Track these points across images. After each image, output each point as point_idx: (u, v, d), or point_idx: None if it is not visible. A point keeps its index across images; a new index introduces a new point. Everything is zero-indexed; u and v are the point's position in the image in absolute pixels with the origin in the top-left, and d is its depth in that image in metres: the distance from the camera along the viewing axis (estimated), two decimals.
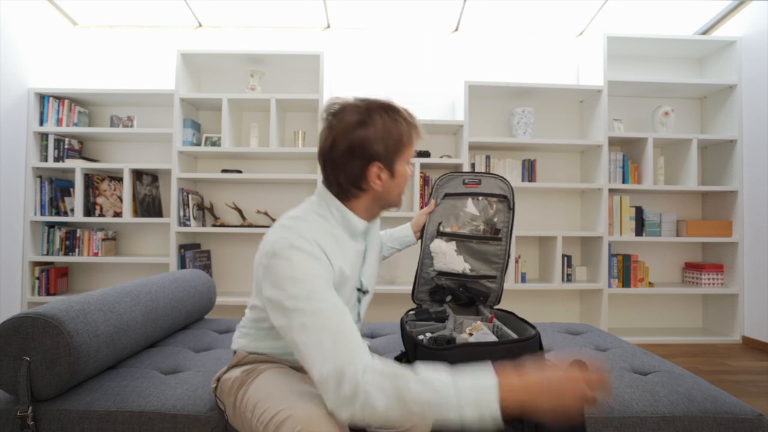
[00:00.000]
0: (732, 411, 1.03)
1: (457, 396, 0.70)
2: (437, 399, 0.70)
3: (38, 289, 2.78)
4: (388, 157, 0.91)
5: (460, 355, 0.96)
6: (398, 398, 0.70)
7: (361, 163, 0.90)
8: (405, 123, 0.93)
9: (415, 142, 0.96)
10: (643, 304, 3.15)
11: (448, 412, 0.69)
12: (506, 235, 1.34)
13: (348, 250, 0.94)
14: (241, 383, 0.93)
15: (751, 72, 2.85)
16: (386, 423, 0.72)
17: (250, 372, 0.95)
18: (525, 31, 3.21)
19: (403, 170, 0.95)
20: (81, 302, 1.10)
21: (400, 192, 0.98)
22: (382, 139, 0.89)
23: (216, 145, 2.92)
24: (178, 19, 3.10)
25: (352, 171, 0.89)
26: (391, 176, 0.93)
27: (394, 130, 0.91)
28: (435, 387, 0.70)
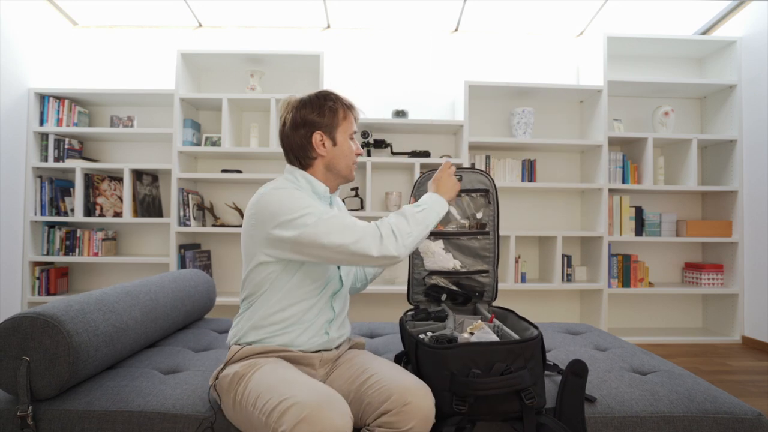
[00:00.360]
0: (732, 411, 1.03)
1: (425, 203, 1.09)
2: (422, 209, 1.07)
3: (38, 289, 2.78)
4: (328, 127, 1.11)
5: (462, 355, 0.96)
6: (409, 218, 1.03)
7: (305, 132, 1.10)
8: (339, 101, 1.14)
9: (351, 120, 1.16)
10: (643, 304, 3.15)
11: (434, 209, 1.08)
12: (493, 229, 1.34)
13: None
14: (240, 378, 0.95)
15: (751, 72, 2.85)
16: (415, 241, 1.02)
17: (249, 367, 0.97)
18: (525, 31, 3.21)
19: (344, 140, 1.13)
20: (80, 302, 1.10)
21: (348, 164, 1.15)
22: (319, 112, 1.11)
23: (216, 145, 2.92)
24: (178, 19, 3.10)
25: (300, 141, 1.10)
26: (333, 144, 1.12)
27: (329, 104, 1.12)
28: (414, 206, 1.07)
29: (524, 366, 0.96)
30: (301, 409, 0.78)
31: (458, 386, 0.94)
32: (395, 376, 0.93)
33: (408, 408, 0.87)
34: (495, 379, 0.93)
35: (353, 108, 1.18)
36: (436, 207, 1.09)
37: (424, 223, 1.05)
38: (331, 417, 0.78)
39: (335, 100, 1.14)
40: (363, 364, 1.03)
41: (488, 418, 0.97)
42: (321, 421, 0.77)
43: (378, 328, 1.71)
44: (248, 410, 0.88)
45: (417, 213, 1.05)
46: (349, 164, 1.16)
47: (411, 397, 0.88)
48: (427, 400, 0.89)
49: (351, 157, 1.16)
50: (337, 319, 1.13)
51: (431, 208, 1.08)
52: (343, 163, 1.14)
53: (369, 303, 3.10)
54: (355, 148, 1.17)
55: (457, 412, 0.93)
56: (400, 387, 0.89)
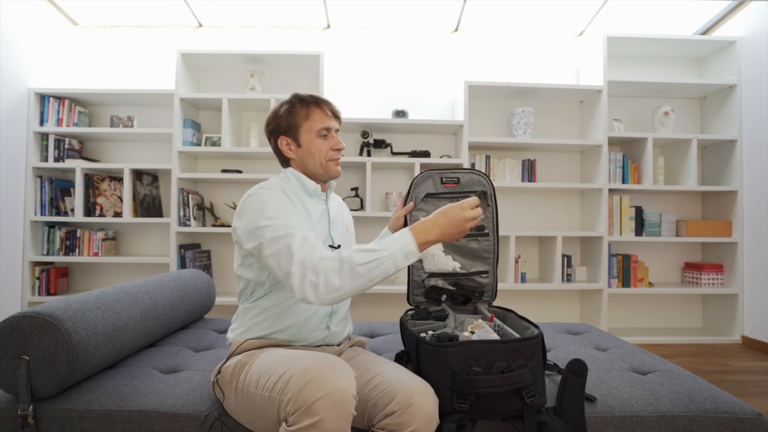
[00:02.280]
0: (732, 410, 1.03)
1: (388, 250, 0.92)
2: (375, 258, 0.90)
3: (38, 289, 2.78)
4: (289, 130, 1.14)
5: (463, 353, 0.96)
6: (350, 271, 0.89)
7: (274, 138, 1.16)
8: (298, 102, 1.14)
9: (318, 116, 1.13)
10: (643, 304, 3.15)
11: (385, 265, 0.91)
12: (492, 230, 1.34)
13: (309, 207, 1.12)
14: (242, 366, 0.96)
15: (751, 72, 2.85)
16: (344, 296, 0.90)
17: (250, 356, 0.99)
18: (525, 31, 3.22)
19: (309, 140, 1.13)
20: (79, 301, 1.10)
21: (320, 162, 1.13)
22: (278, 118, 1.14)
23: (216, 145, 2.92)
24: (178, 19, 3.10)
25: (273, 147, 1.17)
26: (298, 146, 1.14)
27: (285, 107, 1.14)
28: (372, 251, 0.91)
29: (525, 365, 0.96)
30: (304, 374, 0.79)
31: (459, 384, 0.94)
32: (399, 377, 0.93)
33: (412, 409, 0.87)
34: (496, 378, 0.93)
35: (321, 103, 1.15)
36: (396, 257, 0.92)
37: (367, 276, 0.90)
38: (336, 378, 0.79)
39: (293, 102, 1.14)
40: (366, 364, 1.03)
41: (489, 416, 0.97)
42: (326, 382, 0.78)
43: (378, 327, 1.71)
44: (251, 393, 0.89)
45: (364, 263, 0.90)
46: (322, 162, 1.14)
47: (414, 398, 0.88)
48: (430, 401, 0.90)
49: (321, 155, 1.14)
50: (338, 314, 1.13)
51: (389, 257, 0.91)
52: (312, 163, 1.14)
53: (369, 303, 3.10)
54: (332, 144, 1.15)
55: (457, 410, 0.94)
56: (403, 388, 0.89)
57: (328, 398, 0.76)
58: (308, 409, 0.76)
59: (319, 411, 0.76)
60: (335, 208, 1.23)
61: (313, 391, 0.77)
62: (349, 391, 0.79)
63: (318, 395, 0.76)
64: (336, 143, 1.16)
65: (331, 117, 1.16)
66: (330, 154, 1.15)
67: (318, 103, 1.15)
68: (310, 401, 0.76)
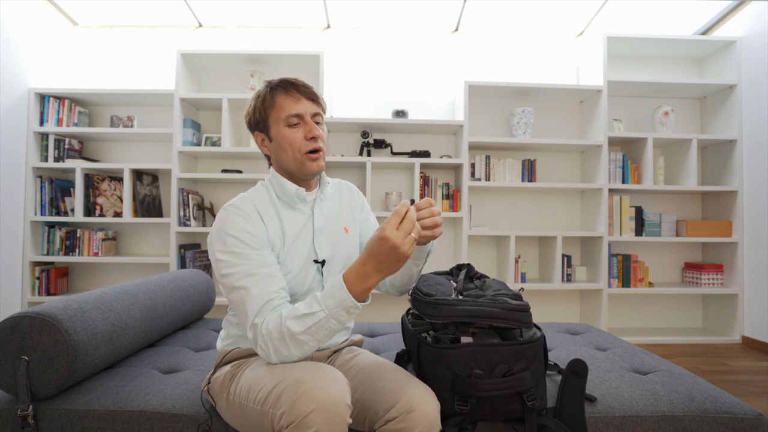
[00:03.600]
0: (732, 410, 1.02)
1: (323, 309, 0.84)
2: (314, 323, 0.84)
3: (38, 289, 2.78)
4: (261, 125, 1.03)
5: (465, 355, 0.95)
6: (292, 341, 0.84)
7: (252, 136, 1.07)
8: (267, 90, 1.01)
9: (282, 103, 0.99)
10: (643, 304, 3.15)
11: (328, 325, 0.84)
12: None
13: (286, 221, 1.02)
14: (231, 377, 0.94)
15: (751, 72, 2.85)
16: (300, 358, 0.87)
17: (239, 366, 0.96)
18: (525, 31, 3.22)
19: (278, 133, 1.00)
20: (78, 301, 1.10)
21: (293, 156, 1.00)
22: (252, 112, 1.04)
23: (216, 145, 2.92)
24: (178, 19, 3.10)
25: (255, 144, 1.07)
26: (270, 141, 1.03)
27: (258, 100, 1.02)
28: (308, 316, 0.84)
29: (526, 367, 0.95)
30: (296, 387, 0.77)
31: (460, 387, 0.93)
32: (400, 381, 0.92)
33: (413, 415, 0.85)
34: (497, 381, 0.92)
35: (287, 86, 1.00)
36: (337, 315, 0.84)
37: (314, 339, 0.85)
38: (329, 388, 0.77)
39: (261, 90, 1.02)
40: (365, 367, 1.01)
41: (489, 418, 0.96)
42: (318, 393, 0.76)
43: (378, 327, 1.71)
44: (242, 405, 0.87)
45: (303, 331, 0.84)
46: (296, 156, 1.00)
47: (416, 403, 0.87)
48: (432, 407, 0.88)
49: (294, 148, 0.99)
50: None
51: (329, 317, 0.84)
52: (286, 159, 1.01)
53: (370, 302, 3.10)
54: (303, 133, 0.99)
55: (458, 412, 0.93)
56: (405, 393, 0.88)
57: (322, 410, 0.75)
58: (302, 423, 0.75)
59: (313, 423, 0.74)
60: (328, 210, 1.10)
61: (306, 404, 0.75)
62: (342, 401, 0.77)
63: (311, 407, 0.75)
64: (309, 130, 0.99)
65: (303, 99, 1.00)
66: (304, 145, 0.99)
67: (284, 87, 1.00)
68: (303, 414, 0.75)
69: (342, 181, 1.23)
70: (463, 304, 0.98)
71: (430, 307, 1.01)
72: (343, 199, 1.16)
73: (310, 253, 1.03)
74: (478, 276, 1.25)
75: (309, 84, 1.03)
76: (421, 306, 1.03)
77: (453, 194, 2.91)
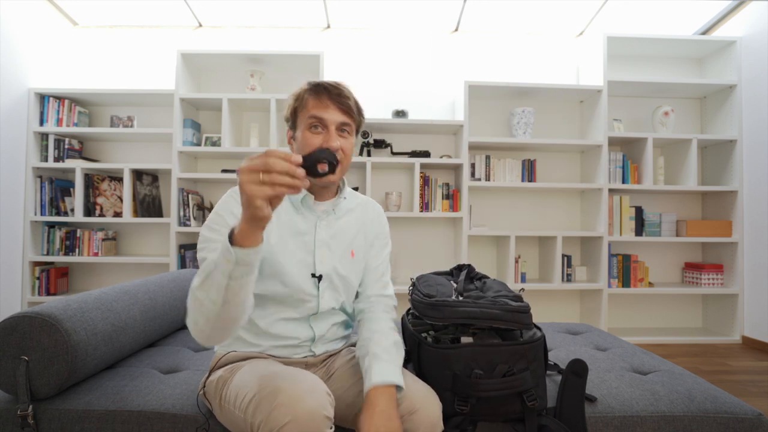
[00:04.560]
0: (732, 410, 1.02)
1: (213, 260, 0.77)
2: (205, 272, 0.77)
3: (38, 289, 2.78)
4: (291, 122, 1.02)
5: (465, 355, 0.95)
6: (192, 299, 0.80)
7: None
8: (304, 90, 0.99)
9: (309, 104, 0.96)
10: (643, 304, 3.15)
11: (214, 276, 0.76)
12: None
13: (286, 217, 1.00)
14: (224, 381, 0.94)
15: (751, 72, 2.85)
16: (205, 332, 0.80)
17: (231, 370, 0.95)
18: (525, 31, 3.21)
19: (301, 134, 0.97)
20: (78, 301, 1.10)
21: None
22: (287, 108, 1.02)
23: (216, 145, 2.92)
24: (178, 19, 3.10)
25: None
26: (295, 140, 1.01)
27: (293, 97, 1.00)
28: (203, 267, 0.79)
29: (526, 368, 0.95)
30: (272, 398, 0.76)
31: (460, 387, 0.93)
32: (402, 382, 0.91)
33: (416, 416, 0.85)
34: (497, 381, 0.93)
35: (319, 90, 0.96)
36: (219, 261, 0.76)
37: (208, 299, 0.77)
38: (304, 400, 0.75)
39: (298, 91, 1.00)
40: None
41: (490, 418, 0.96)
42: (294, 405, 0.74)
43: None
44: (231, 410, 0.87)
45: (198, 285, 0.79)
46: None
47: (419, 404, 0.87)
48: (435, 407, 0.88)
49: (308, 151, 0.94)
50: (321, 340, 1.04)
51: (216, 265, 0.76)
52: None
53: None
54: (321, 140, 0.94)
55: (458, 412, 0.93)
56: (408, 394, 0.88)
57: (297, 423, 0.73)
58: None
59: None
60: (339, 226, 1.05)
61: (282, 416, 0.73)
62: (319, 413, 0.75)
63: (286, 420, 0.73)
64: (327, 140, 0.94)
65: (332, 108, 0.95)
66: None
67: (316, 90, 0.97)
68: (279, 425, 0.73)
69: (371, 201, 1.17)
70: (464, 306, 0.98)
71: (430, 309, 1.00)
72: (365, 222, 1.11)
73: (307, 262, 1.00)
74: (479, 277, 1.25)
75: (348, 93, 0.98)
76: (421, 307, 1.03)
77: (453, 194, 2.91)
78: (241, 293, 0.77)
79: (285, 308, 1.00)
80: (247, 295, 0.80)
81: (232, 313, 0.79)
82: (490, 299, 1.01)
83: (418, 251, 3.12)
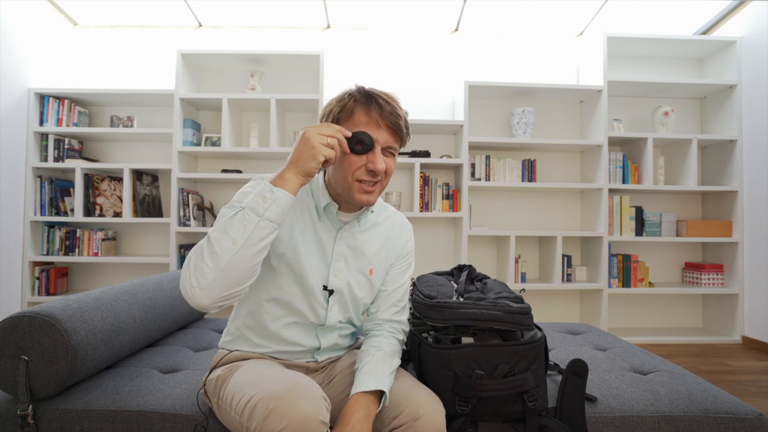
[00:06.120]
0: (732, 410, 1.02)
1: (243, 204, 0.81)
2: (229, 216, 0.80)
3: (38, 289, 2.78)
4: None
5: (466, 356, 0.95)
6: (207, 245, 0.79)
7: None
8: (355, 94, 0.93)
9: (358, 117, 0.91)
10: (643, 304, 3.14)
11: (243, 216, 0.79)
12: None
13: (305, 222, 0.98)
14: (222, 381, 0.94)
15: (751, 72, 2.85)
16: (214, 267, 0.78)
17: (230, 370, 0.95)
18: (525, 31, 3.21)
19: None
20: (78, 301, 1.10)
21: (344, 177, 0.92)
22: (328, 112, 0.95)
23: (216, 145, 2.92)
24: (178, 19, 3.10)
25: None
26: None
27: (340, 104, 0.93)
28: (227, 214, 0.81)
29: (527, 368, 0.95)
30: (267, 403, 0.75)
31: (461, 387, 0.93)
32: (405, 388, 0.90)
33: (419, 423, 0.85)
34: (498, 381, 0.92)
35: (370, 104, 0.91)
36: (253, 203, 0.80)
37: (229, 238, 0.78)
38: (299, 405, 0.74)
39: (349, 92, 0.94)
40: None
41: (490, 419, 0.96)
42: (289, 410, 0.74)
43: None
44: (227, 411, 0.87)
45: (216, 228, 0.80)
46: (346, 178, 0.91)
47: (422, 410, 0.86)
48: (439, 414, 0.87)
49: (350, 170, 0.91)
50: (326, 350, 1.04)
51: (246, 210, 0.80)
52: (337, 175, 0.94)
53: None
54: (366, 161, 0.90)
55: (459, 413, 0.93)
56: (411, 401, 0.87)
57: (292, 428, 0.72)
58: None
59: None
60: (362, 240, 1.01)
61: (276, 422, 0.73)
62: (314, 419, 0.74)
63: (281, 425, 0.72)
64: (372, 161, 0.89)
65: (382, 127, 0.90)
66: (360, 173, 0.91)
67: (367, 102, 0.91)
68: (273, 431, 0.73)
69: (400, 215, 1.12)
70: (465, 308, 0.97)
71: (430, 310, 1.00)
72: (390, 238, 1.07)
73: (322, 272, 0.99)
74: (480, 278, 1.25)
75: (400, 110, 0.93)
76: (421, 308, 1.03)
77: (453, 194, 2.91)
78: (259, 244, 0.80)
79: (296, 314, 0.99)
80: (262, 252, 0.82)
81: (244, 263, 0.80)
82: (491, 300, 1.01)
83: (419, 251, 3.12)
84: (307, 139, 0.83)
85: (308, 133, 0.83)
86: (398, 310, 1.08)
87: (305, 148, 0.83)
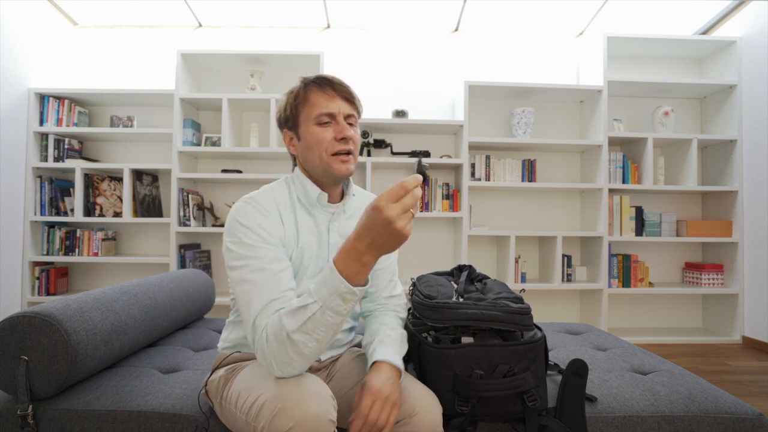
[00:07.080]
0: (732, 410, 1.02)
1: (316, 301, 0.76)
2: (308, 317, 0.76)
3: (38, 289, 2.78)
4: (291, 122, 0.98)
5: (466, 355, 0.95)
6: (290, 344, 0.77)
7: (282, 133, 1.02)
8: (301, 86, 0.97)
9: (314, 100, 0.94)
10: (643, 304, 3.15)
11: (323, 318, 0.76)
12: None
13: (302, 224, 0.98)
14: (225, 381, 0.94)
15: (751, 72, 2.85)
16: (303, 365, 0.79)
17: (233, 370, 0.95)
18: (525, 31, 3.21)
19: (307, 131, 0.95)
20: (78, 301, 1.09)
21: (319, 156, 0.93)
22: (283, 108, 0.99)
23: (216, 145, 2.92)
24: (178, 19, 3.10)
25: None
26: (298, 140, 0.98)
27: (290, 96, 0.98)
28: (302, 309, 0.77)
29: (527, 368, 0.95)
30: (275, 402, 0.75)
31: (461, 387, 0.93)
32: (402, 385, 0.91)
33: (416, 419, 0.85)
34: (498, 381, 0.92)
35: (322, 83, 0.95)
36: (332, 305, 0.75)
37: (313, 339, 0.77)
38: (307, 404, 0.74)
39: (296, 86, 0.98)
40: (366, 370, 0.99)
41: (490, 419, 0.96)
42: (297, 410, 0.73)
43: None
44: (232, 411, 0.87)
45: (297, 329, 0.76)
46: (322, 156, 0.93)
47: (418, 407, 0.86)
48: (435, 411, 0.88)
49: (321, 147, 0.93)
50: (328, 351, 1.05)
51: (325, 308, 0.76)
52: (312, 159, 0.95)
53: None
54: (334, 133, 0.93)
55: (459, 412, 0.93)
56: (407, 397, 0.88)
57: (300, 427, 0.72)
58: None
59: None
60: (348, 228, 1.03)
61: (285, 422, 0.72)
62: (323, 417, 0.74)
63: (289, 425, 0.72)
64: (339, 130, 0.93)
65: (338, 98, 0.94)
66: (332, 146, 0.93)
67: (318, 83, 0.95)
68: (282, 431, 0.73)
69: (372, 195, 1.14)
70: (464, 308, 0.97)
71: (430, 311, 1.00)
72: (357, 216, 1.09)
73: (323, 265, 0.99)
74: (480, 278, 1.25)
75: (346, 83, 0.98)
76: (421, 309, 1.03)
77: (453, 194, 2.91)
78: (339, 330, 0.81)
79: None
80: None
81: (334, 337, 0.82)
82: (491, 301, 1.01)
83: (418, 251, 3.12)
84: (389, 224, 0.70)
85: (390, 215, 0.70)
86: (393, 284, 1.13)
87: (390, 236, 0.72)
